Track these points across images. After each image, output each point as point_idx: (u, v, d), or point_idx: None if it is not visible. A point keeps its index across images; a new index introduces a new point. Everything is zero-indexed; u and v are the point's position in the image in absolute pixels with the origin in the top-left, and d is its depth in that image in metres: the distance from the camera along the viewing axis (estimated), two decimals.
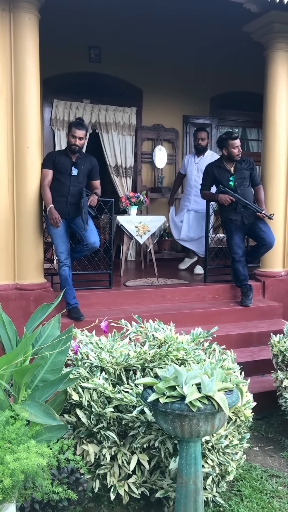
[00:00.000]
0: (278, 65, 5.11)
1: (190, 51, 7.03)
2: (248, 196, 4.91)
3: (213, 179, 5.06)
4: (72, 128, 4.34)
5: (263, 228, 4.88)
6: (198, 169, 5.80)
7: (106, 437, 2.53)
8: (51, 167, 4.33)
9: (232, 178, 4.91)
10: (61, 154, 4.44)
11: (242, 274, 4.95)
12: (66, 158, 4.39)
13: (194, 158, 5.95)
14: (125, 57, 6.82)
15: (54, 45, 6.06)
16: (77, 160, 4.40)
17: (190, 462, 2.26)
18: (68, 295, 4.31)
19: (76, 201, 4.38)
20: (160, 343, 2.95)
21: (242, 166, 4.94)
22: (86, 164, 4.46)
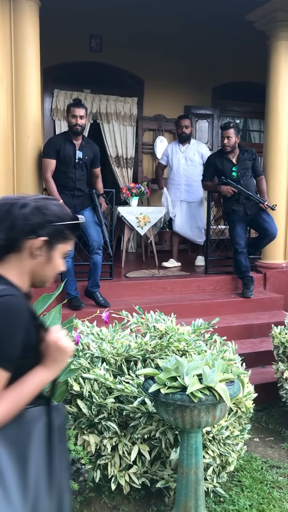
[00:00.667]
0: (281, 55, 5.06)
1: (192, 41, 6.96)
2: (250, 186, 4.89)
3: (215, 170, 5.02)
4: (70, 108, 4.18)
5: (266, 219, 4.86)
6: (186, 158, 5.63)
7: (107, 428, 2.53)
8: (54, 156, 4.17)
9: (235, 168, 4.87)
10: (64, 141, 4.25)
11: (244, 265, 4.93)
12: (70, 146, 4.25)
13: (179, 146, 5.71)
14: (126, 47, 6.75)
15: (55, 33, 5.99)
16: (80, 148, 4.29)
17: (191, 453, 2.26)
18: (69, 286, 4.30)
19: (82, 193, 4.34)
20: (161, 334, 2.94)
21: (245, 156, 4.91)
22: (89, 154, 4.38)
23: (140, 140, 7.22)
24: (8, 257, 1.39)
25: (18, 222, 1.36)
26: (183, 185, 5.63)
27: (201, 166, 5.56)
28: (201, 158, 5.61)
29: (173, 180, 5.72)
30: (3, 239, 1.36)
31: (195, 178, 5.54)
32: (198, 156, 5.63)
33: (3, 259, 1.39)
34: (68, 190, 4.28)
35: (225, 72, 7.34)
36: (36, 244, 1.38)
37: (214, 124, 7.65)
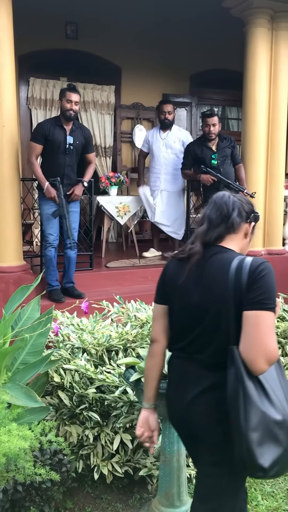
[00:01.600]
0: (258, 42, 5.05)
1: (169, 28, 6.89)
2: (229, 174, 4.90)
3: (195, 158, 4.99)
4: (66, 93, 4.11)
5: None
6: (166, 145, 5.35)
7: (89, 418, 2.53)
8: (41, 142, 4.11)
9: (215, 156, 4.87)
10: (54, 125, 4.16)
11: None
12: (60, 131, 4.16)
13: (159, 133, 5.42)
14: (103, 34, 6.66)
15: (29, 21, 5.88)
16: (71, 133, 4.20)
17: (172, 440, 2.27)
18: (50, 276, 4.27)
19: (70, 181, 4.28)
20: (142, 323, 2.94)
21: (224, 144, 4.91)
22: (80, 138, 4.28)
23: (119, 129, 7.16)
24: (227, 237, 1.77)
25: (240, 210, 1.77)
26: (163, 173, 5.37)
27: (181, 154, 5.35)
28: (182, 145, 5.37)
29: (154, 169, 5.47)
30: (229, 222, 1.75)
31: (175, 167, 5.36)
32: (179, 143, 5.36)
33: (224, 238, 1.76)
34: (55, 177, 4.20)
35: (202, 60, 7.31)
36: (249, 227, 1.81)
37: (193, 112, 7.62)
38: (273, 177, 5.23)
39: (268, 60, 5.17)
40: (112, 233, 7.02)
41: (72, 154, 4.24)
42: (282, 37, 5.17)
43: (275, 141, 5.26)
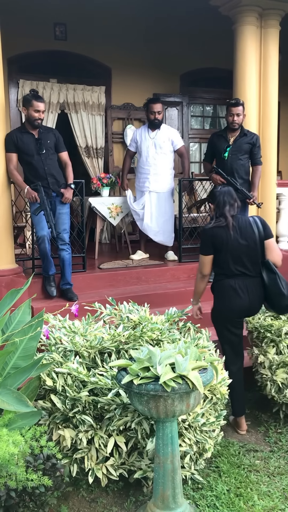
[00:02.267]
0: (247, 40, 5.05)
1: (159, 28, 6.88)
2: (239, 172, 4.78)
3: (213, 148, 4.92)
4: (33, 102, 4.09)
5: None
6: (155, 145, 5.18)
7: (82, 421, 2.50)
8: (14, 150, 4.15)
9: (229, 149, 4.77)
10: (21, 133, 4.21)
11: None
12: (28, 136, 4.20)
13: (148, 133, 5.23)
14: (92, 35, 6.64)
15: (18, 21, 5.85)
16: (40, 136, 4.23)
17: (167, 442, 2.25)
18: (46, 268, 4.34)
19: (58, 178, 4.29)
20: (135, 324, 2.92)
21: (243, 139, 4.78)
22: (50, 138, 4.29)
23: (110, 129, 7.13)
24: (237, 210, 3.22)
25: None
26: (152, 174, 5.21)
27: (171, 153, 5.30)
28: (171, 145, 5.26)
29: (142, 169, 5.29)
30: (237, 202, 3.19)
31: (164, 167, 5.25)
32: (168, 143, 5.21)
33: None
34: (42, 180, 4.20)
35: (192, 59, 7.30)
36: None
37: (184, 111, 7.61)
38: (265, 174, 5.22)
39: (257, 57, 5.16)
40: (105, 234, 6.99)
41: (47, 154, 4.25)
42: (270, 35, 5.17)
43: (266, 139, 5.25)
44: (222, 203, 3.13)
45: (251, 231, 3.09)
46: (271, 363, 3.29)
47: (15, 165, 4.19)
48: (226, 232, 3.06)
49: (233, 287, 3.09)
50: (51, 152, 4.28)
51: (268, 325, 3.34)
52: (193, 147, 7.99)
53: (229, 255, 3.06)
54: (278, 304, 3.12)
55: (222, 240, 3.06)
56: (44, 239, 4.17)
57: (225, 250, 3.06)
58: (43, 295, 4.42)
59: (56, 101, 6.61)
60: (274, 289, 3.08)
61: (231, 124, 4.73)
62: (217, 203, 3.15)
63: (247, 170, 4.87)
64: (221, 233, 3.07)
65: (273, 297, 3.11)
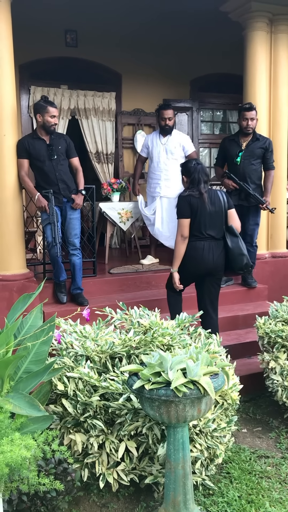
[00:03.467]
0: (257, 45, 5.06)
1: (169, 33, 6.92)
2: (252, 175, 4.77)
3: (225, 153, 4.93)
4: (48, 108, 4.14)
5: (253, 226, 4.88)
6: (166, 150, 5.20)
7: (93, 426, 2.51)
8: (25, 156, 4.19)
9: (241, 154, 4.77)
10: (33, 139, 4.25)
11: None
12: (40, 142, 4.24)
13: (159, 138, 5.25)
14: (103, 41, 6.69)
15: (29, 29, 5.92)
16: (51, 142, 4.27)
17: (178, 448, 2.25)
18: (57, 273, 4.37)
19: (69, 184, 4.32)
20: (145, 329, 2.92)
21: (255, 144, 4.78)
22: (61, 144, 4.34)
23: (120, 135, 7.17)
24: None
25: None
26: (163, 179, 5.22)
27: (183, 159, 5.26)
28: (182, 150, 5.27)
29: (153, 175, 5.32)
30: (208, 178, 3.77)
31: (175, 172, 5.18)
32: (179, 148, 5.23)
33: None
34: (53, 186, 4.23)
35: (202, 64, 7.33)
36: None
37: (194, 117, 7.63)
38: (276, 179, 5.21)
39: (267, 63, 5.17)
40: (115, 239, 7.02)
41: (58, 159, 4.29)
42: (281, 40, 5.18)
43: (276, 144, 5.24)
44: (197, 180, 3.62)
45: (219, 202, 3.68)
46: (282, 369, 3.27)
47: (26, 171, 4.23)
48: (198, 200, 3.61)
49: (203, 248, 3.66)
50: (62, 158, 4.32)
51: (279, 330, 3.33)
52: (202, 152, 8.00)
53: (201, 220, 3.62)
54: (240, 263, 3.74)
55: (196, 207, 3.61)
56: (54, 245, 4.20)
57: (199, 215, 3.61)
58: (54, 300, 4.44)
59: (67, 107, 6.67)
60: (237, 250, 3.71)
61: (245, 128, 4.72)
62: (192, 180, 3.66)
63: (259, 175, 4.86)
64: (195, 201, 3.61)
65: (236, 257, 3.72)
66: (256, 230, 4.93)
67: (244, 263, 3.74)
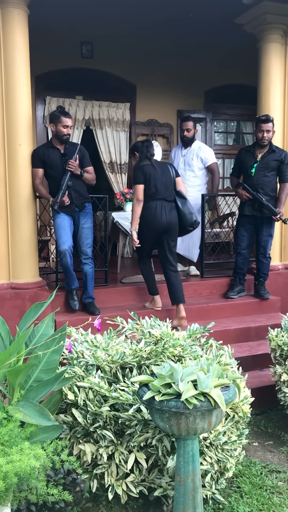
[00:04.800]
0: (271, 57, 5.07)
1: (183, 45, 6.97)
2: (264, 187, 4.76)
3: (240, 164, 4.95)
4: (61, 118, 4.18)
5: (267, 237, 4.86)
6: (184, 162, 5.36)
7: (103, 436, 2.50)
8: (40, 165, 4.24)
9: (256, 165, 4.77)
10: (48, 148, 4.30)
11: (238, 267, 5.00)
12: (54, 151, 4.28)
13: (181, 150, 5.44)
14: (118, 53, 6.76)
15: (45, 41, 6.01)
16: (66, 151, 4.30)
17: (187, 460, 2.22)
18: (69, 282, 4.38)
19: (79, 195, 4.34)
20: (156, 340, 2.91)
21: (271, 156, 4.77)
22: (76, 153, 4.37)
23: None
24: None
25: None
26: None
27: (201, 171, 5.35)
28: (201, 162, 5.33)
29: None
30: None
31: (192, 184, 5.31)
32: (197, 160, 5.32)
33: None
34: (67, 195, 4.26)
35: (216, 76, 7.36)
36: None
37: (207, 127, 7.65)
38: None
39: (282, 74, 5.17)
40: (128, 248, 7.03)
41: None
42: None
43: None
44: (145, 152, 4.33)
45: (168, 171, 4.37)
46: None
47: (41, 180, 4.27)
48: (150, 168, 4.27)
49: (155, 207, 4.25)
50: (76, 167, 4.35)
51: None
52: None
53: (153, 184, 4.24)
54: (190, 220, 4.36)
55: (150, 174, 4.25)
56: (65, 254, 4.22)
57: (153, 180, 4.25)
58: (66, 309, 4.45)
59: (81, 118, 6.74)
60: (186, 210, 4.35)
61: (261, 140, 4.73)
62: (141, 153, 4.35)
63: (273, 187, 4.84)
64: (148, 169, 4.27)
65: (186, 215, 4.34)
66: (269, 242, 4.90)
67: (193, 220, 4.37)
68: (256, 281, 5.03)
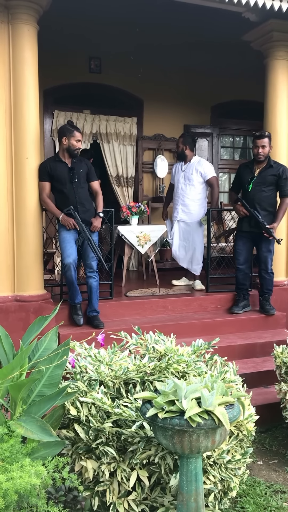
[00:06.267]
0: (278, 74, 5.10)
1: (190, 61, 7.03)
2: (261, 202, 4.76)
3: (239, 179, 4.98)
4: (74, 132, 4.26)
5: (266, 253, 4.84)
6: (184, 177, 5.44)
7: (105, 453, 2.47)
8: (47, 179, 4.27)
9: (253, 181, 4.78)
10: (55, 162, 4.34)
11: (239, 282, 4.99)
12: (62, 165, 4.32)
13: (181, 165, 5.55)
14: (125, 68, 6.83)
15: (54, 56, 6.08)
16: (73, 165, 4.35)
17: (190, 479, 2.19)
18: (72, 296, 4.38)
19: (85, 209, 4.36)
20: (160, 355, 2.89)
21: (269, 171, 4.78)
22: (82, 167, 4.41)
23: (140, 159, 7.25)
24: None
25: None
26: (180, 204, 5.46)
27: (201, 185, 5.41)
28: (200, 176, 5.40)
29: (174, 200, 5.60)
30: None
31: (192, 198, 5.40)
32: (197, 174, 5.39)
33: None
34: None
35: (223, 91, 7.41)
36: None
37: (214, 142, 7.68)
38: None
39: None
40: (133, 261, 7.03)
41: (79, 182, 4.35)
42: None
43: None
44: None
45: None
46: None
47: (48, 193, 4.30)
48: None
49: None
50: (82, 181, 4.38)
51: None
52: (222, 177, 8.03)
53: None
54: None
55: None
56: (70, 267, 4.22)
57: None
58: (70, 322, 4.44)
59: (89, 132, 6.79)
60: None
61: (257, 156, 4.77)
62: None
63: (271, 202, 4.84)
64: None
65: None
66: (269, 257, 4.88)
67: None
68: (261, 297, 5.01)
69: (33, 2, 4.06)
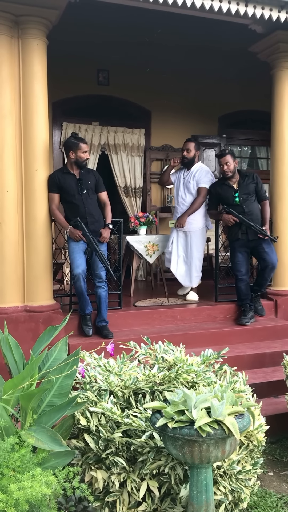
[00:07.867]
0: (285, 84, 5.13)
1: (198, 71, 7.09)
2: (254, 211, 4.84)
3: (218, 198, 5.00)
4: (81, 145, 4.32)
5: (266, 249, 4.81)
6: (184, 185, 5.26)
7: (115, 463, 2.47)
8: (56, 190, 4.32)
9: (237, 194, 4.85)
10: (63, 173, 4.39)
11: (243, 293, 4.95)
12: (70, 176, 4.37)
13: (183, 172, 5.34)
14: (133, 80, 6.90)
15: (63, 68, 6.16)
16: (81, 176, 4.40)
17: (201, 490, 2.18)
18: (83, 307, 4.41)
19: (94, 219, 4.40)
20: (170, 365, 2.89)
21: (246, 181, 4.88)
22: (91, 178, 4.46)
23: (148, 170, 7.30)
24: None
25: None
26: (179, 213, 5.25)
27: None
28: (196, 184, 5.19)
29: (175, 207, 5.44)
30: None
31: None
32: (193, 182, 5.19)
33: None
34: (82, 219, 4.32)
35: (231, 101, 7.45)
36: None
37: None
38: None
39: None
40: (141, 271, 7.04)
41: (88, 193, 4.40)
42: None
43: None
44: None
45: None
46: None
47: (57, 204, 4.34)
48: None
49: None
50: (91, 192, 4.42)
51: None
52: None
53: None
54: None
55: None
56: (79, 277, 4.25)
57: None
58: (79, 332, 4.46)
59: (97, 143, 6.85)
60: None
61: (225, 173, 4.87)
62: None
63: (258, 208, 4.95)
64: None
65: None
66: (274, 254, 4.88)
67: None
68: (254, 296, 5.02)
69: (43, 18, 4.13)
